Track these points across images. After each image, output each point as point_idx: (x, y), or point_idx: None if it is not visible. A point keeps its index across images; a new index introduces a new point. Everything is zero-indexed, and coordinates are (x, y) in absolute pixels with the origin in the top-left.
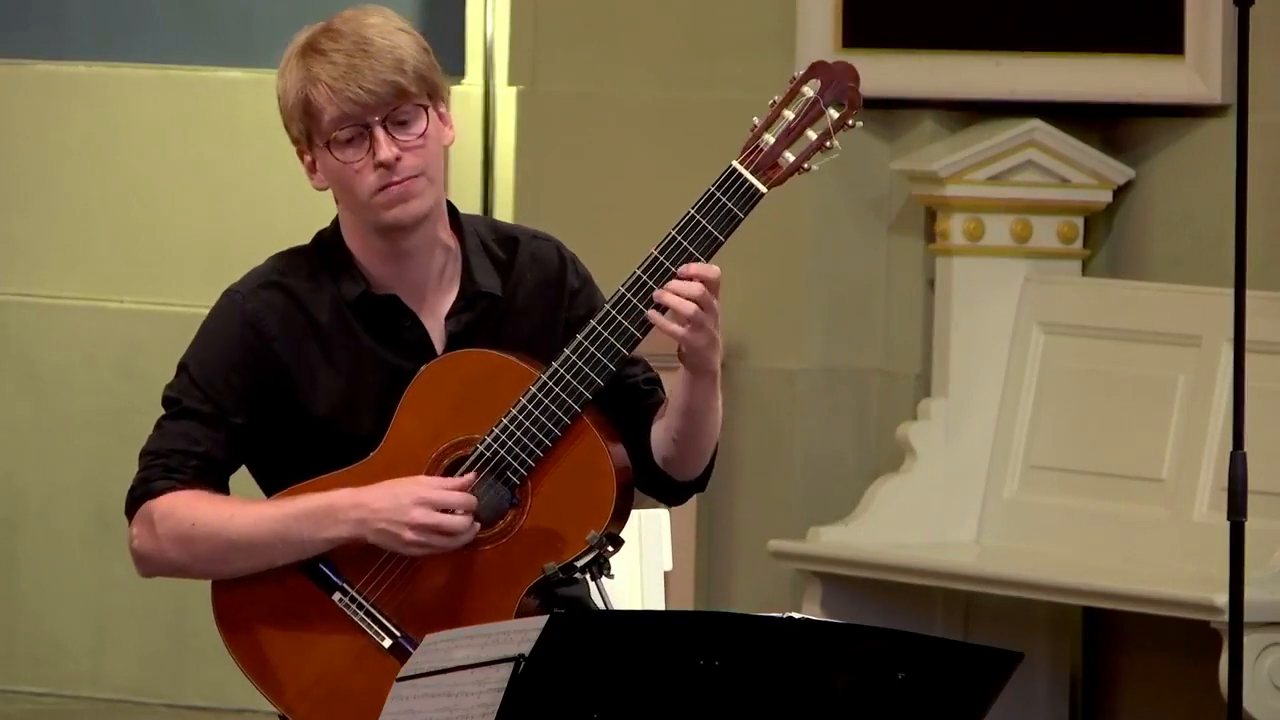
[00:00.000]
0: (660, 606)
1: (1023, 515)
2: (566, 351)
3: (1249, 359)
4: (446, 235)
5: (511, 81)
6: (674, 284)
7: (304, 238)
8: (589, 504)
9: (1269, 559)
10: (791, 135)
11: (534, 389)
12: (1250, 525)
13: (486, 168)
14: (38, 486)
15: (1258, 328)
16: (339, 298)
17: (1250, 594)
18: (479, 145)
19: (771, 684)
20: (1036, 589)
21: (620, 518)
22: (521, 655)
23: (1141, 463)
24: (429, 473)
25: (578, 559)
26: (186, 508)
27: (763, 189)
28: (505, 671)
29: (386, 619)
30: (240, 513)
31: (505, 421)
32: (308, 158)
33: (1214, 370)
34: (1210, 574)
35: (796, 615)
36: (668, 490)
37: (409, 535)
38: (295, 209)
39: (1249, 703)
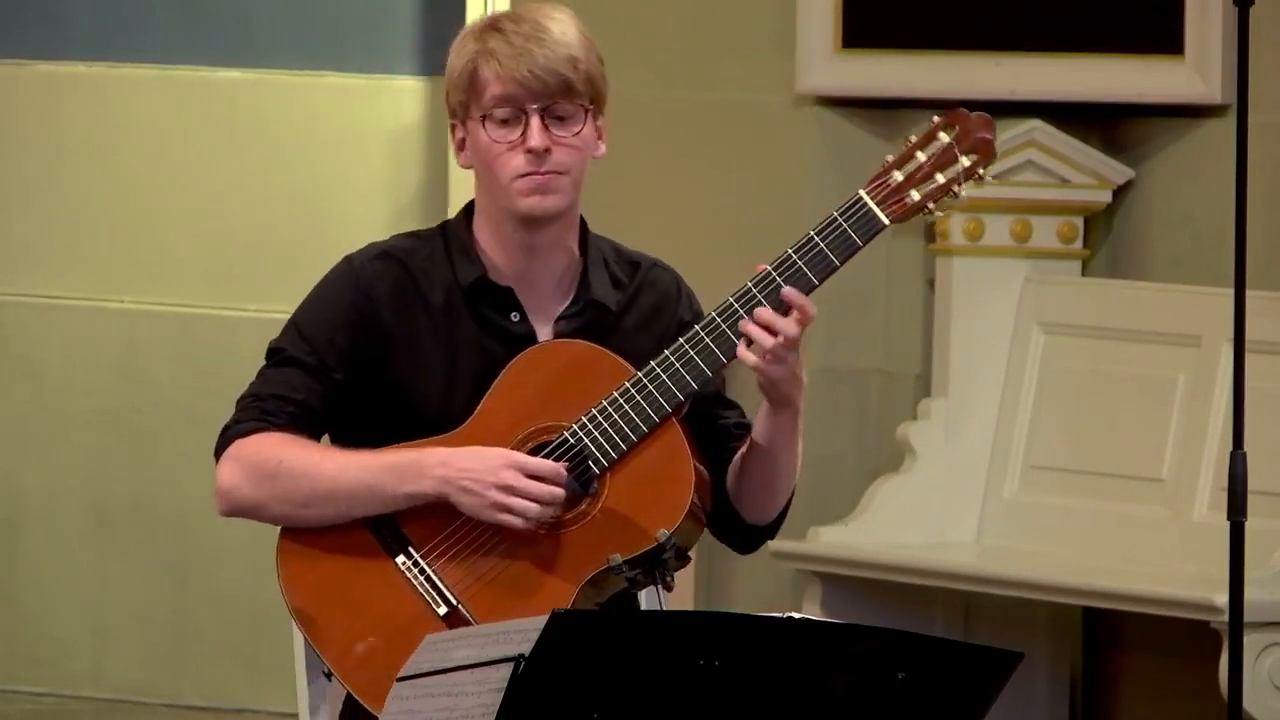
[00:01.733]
0: (660, 606)
1: (1023, 515)
2: (666, 352)
3: (1249, 359)
4: (574, 244)
5: None
6: (761, 312)
7: (304, 237)
8: (664, 503)
9: (1269, 559)
10: (921, 176)
11: (628, 384)
12: (1250, 525)
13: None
14: (38, 486)
15: (1258, 328)
16: (454, 281)
17: (1250, 594)
18: None
19: (771, 684)
20: (1036, 589)
21: (693, 526)
22: (521, 655)
23: (1141, 463)
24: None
25: (644, 555)
26: (276, 447)
27: (885, 221)
28: (505, 671)
29: (446, 588)
30: (327, 458)
31: (595, 411)
32: (459, 134)
33: (1214, 370)
34: (1210, 574)
35: (796, 615)
36: (737, 533)
37: (494, 495)
38: (295, 209)
39: (1249, 703)
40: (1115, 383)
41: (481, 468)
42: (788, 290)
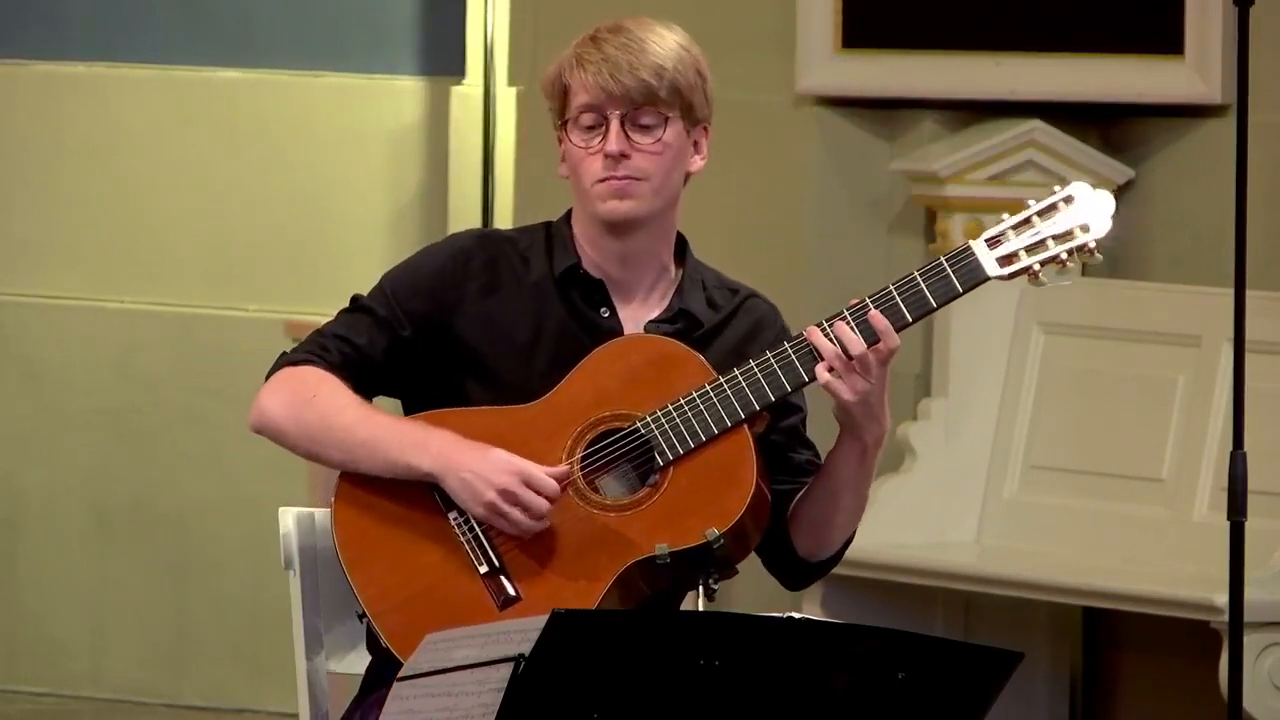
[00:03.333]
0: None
1: (1023, 515)
2: (751, 362)
3: (1249, 359)
4: (669, 260)
5: (511, 81)
6: (839, 326)
7: (304, 237)
8: (720, 504)
9: (1269, 559)
10: (1035, 242)
11: (708, 386)
12: (1250, 525)
13: (486, 168)
14: (38, 486)
15: (1258, 328)
16: (549, 269)
17: (1250, 594)
18: (479, 145)
19: (771, 684)
20: (1036, 589)
21: (744, 538)
22: (521, 655)
23: (1141, 463)
24: (581, 434)
25: (690, 551)
26: (317, 381)
27: (989, 273)
28: (505, 671)
29: (492, 549)
30: (354, 405)
31: (670, 406)
32: (562, 145)
33: (1214, 370)
34: (1210, 574)
35: (796, 615)
36: (790, 568)
37: (491, 495)
38: (295, 209)
39: (1249, 703)
40: (1115, 383)
41: (483, 467)
42: (874, 314)
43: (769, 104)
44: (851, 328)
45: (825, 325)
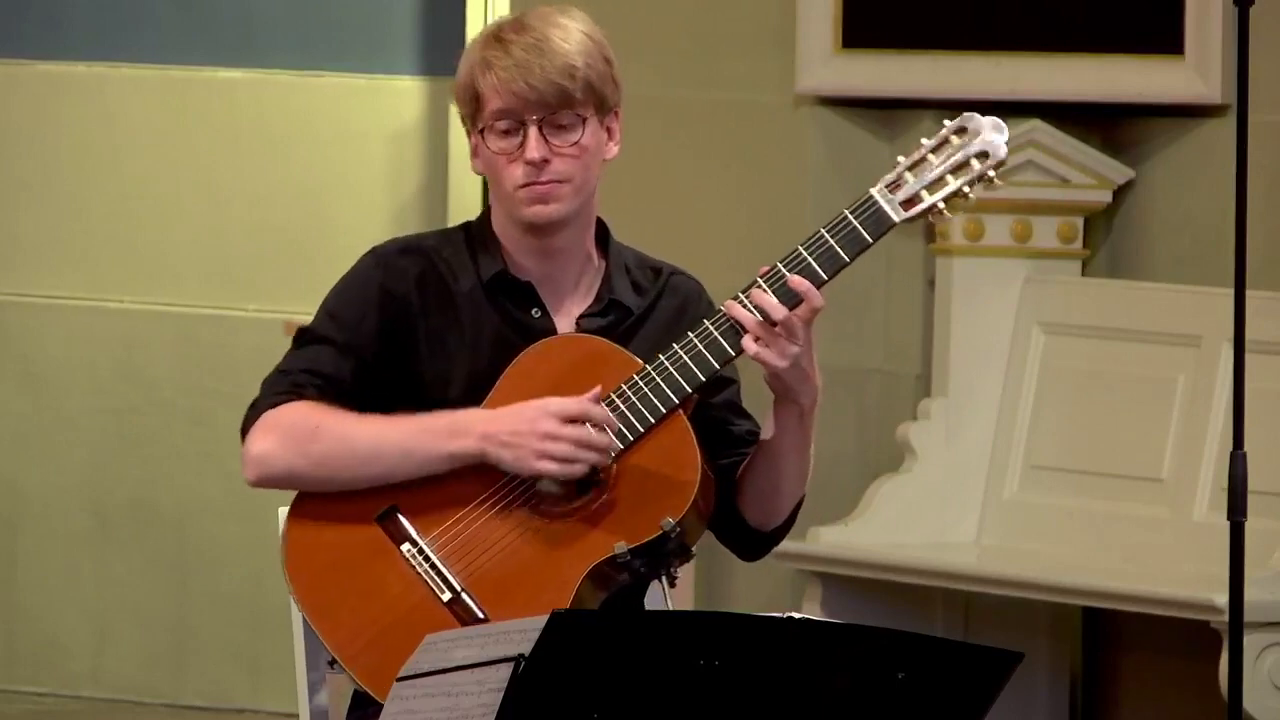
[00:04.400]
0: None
1: (1023, 515)
2: (675, 345)
3: (1249, 359)
4: (591, 249)
5: None
6: (754, 293)
7: (304, 238)
8: (669, 493)
9: (1269, 559)
10: (933, 178)
11: (636, 376)
12: (1250, 525)
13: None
14: (38, 486)
15: (1258, 328)
16: (476, 276)
17: (1250, 594)
18: None
19: (771, 684)
20: (1036, 589)
21: (698, 519)
22: (521, 655)
23: (1141, 463)
24: None
25: (649, 544)
26: (310, 413)
27: (895, 218)
28: (505, 671)
29: (451, 575)
30: (365, 422)
31: (603, 403)
32: (473, 140)
33: (1214, 370)
34: (1210, 574)
35: (796, 615)
36: (743, 539)
37: (536, 444)
38: (295, 209)
39: (1249, 703)
40: (1115, 383)
41: (520, 420)
42: (794, 278)
43: (769, 104)
44: (769, 295)
45: (743, 297)
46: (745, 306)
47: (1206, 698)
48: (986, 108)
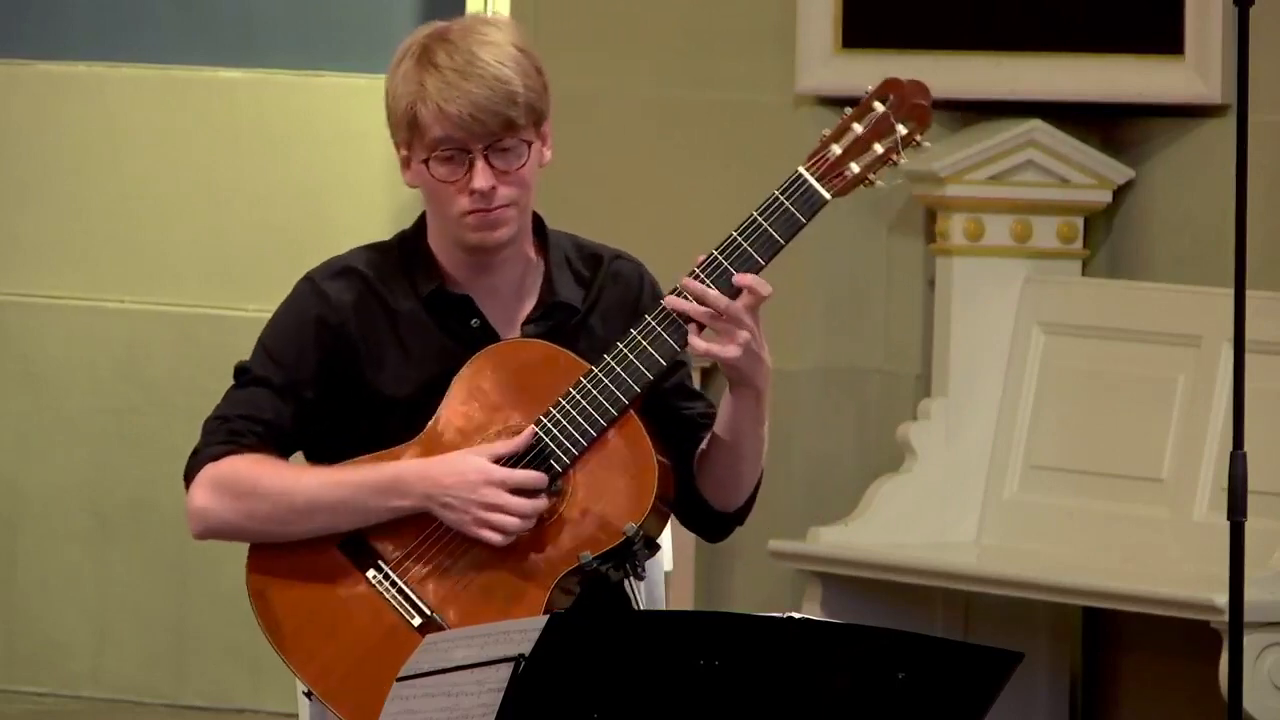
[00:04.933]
0: (660, 606)
1: (1023, 515)
2: (619, 345)
3: (1249, 359)
4: (529, 249)
5: None
6: (686, 282)
7: (304, 238)
8: (629, 496)
9: (1269, 559)
10: (859, 148)
11: (584, 379)
12: (1250, 525)
13: None
14: (38, 486)
15: (1258, 328)
16: (414, 292)
17: (1250, 594)
18: None
19: (771, 684)
20: (1036, 589)
21: (659, 516)
22: (521, 655)
23: (1141, 463)
24: None
25: (614, 551)
26: (249, 469)
27: (826, 195)
28: (505, 671)
29: (419, 598)
30: (304, 476)
31: (553, 410)
32: (402, 153)
33: (1214, 370)
34: (1210, 574)
35: (796, 615)
36: (706, 521)
37: (476, 512)
38: (295, 209)
39: (1249, 703)
40: (1115, 383)
41: (462, 484)
42: (740, 275)
43: (769, 104)
44: (711, 288)
45: (684, 291)
46: (687, 298)
47: (1206, 698)
48: (986, 108)
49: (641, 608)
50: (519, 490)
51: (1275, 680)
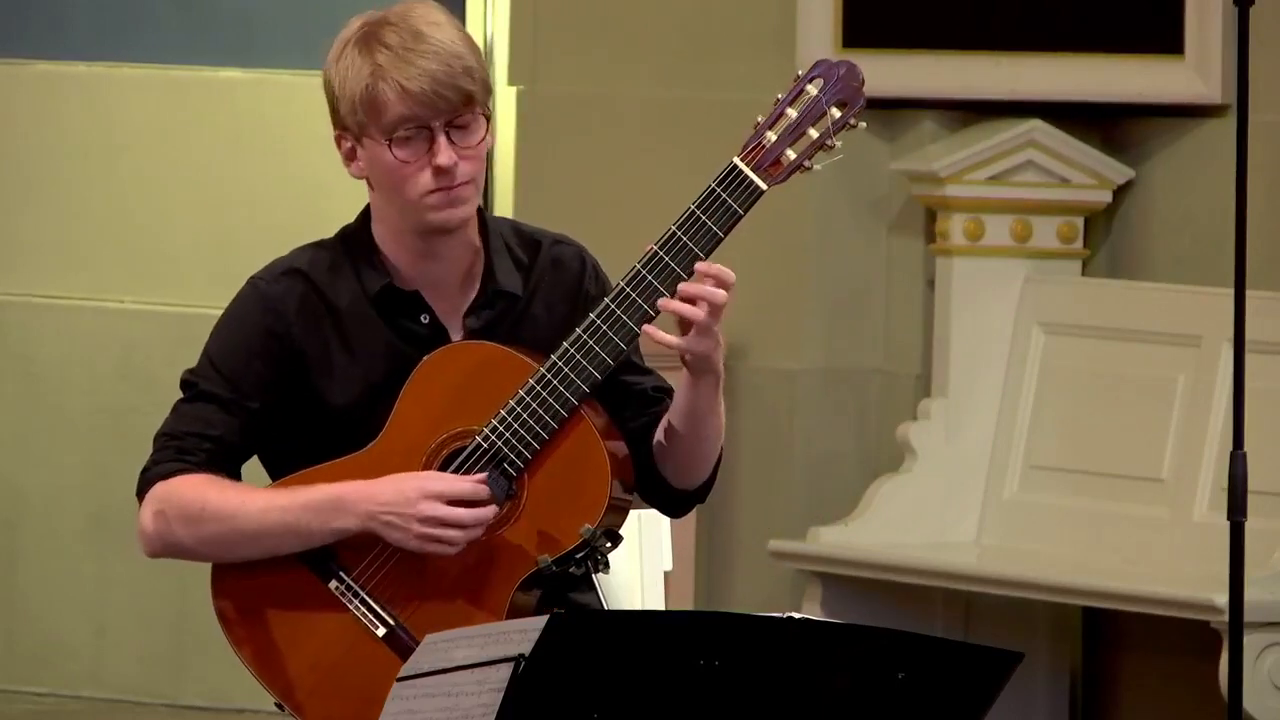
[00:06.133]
0: (660, 606)
1: (1023, 515)
2: (565, 345)
3: (1249, 359)
4: (474, 236)
5: (511, 81)
6: (685, 287)
7: (304, 237)
8: (584, 497)
9: (1269, 559)
10: (794, 133)
11: (532, 381)
12: (1250, 525)
13: (486, 167)
14: (38, 486)
15: (1258, 328)
16: (360, 290)
17: (1250, 594)
18: None
19: (771, 684)
20: (1036, 589)
21: (618, 512)
22: (521, 655)
23: (1141, 463)
24: (427, 463)
25: (572, 553)
26: (196, 491)
27: (763, 186)
28: (505, 671)
29: (382, 607)
30: (249, 500)
31: (503, 413)
32: (347, 144)
33: (1214, 370)
34: (1210, 574)
35: (796, 615)
36: (668, 499)
37: (418, 529)
38: (295, 209)
39: (1249, 703)
40: (1115, 383)
41: (399, 500)
42: (701, 265)
43: (769, 104)
44: (706, 286)
45: (630, 292)
46: (634, 301)
47: (1206, 698)
48: (986, 108)
49: (605, 602)
50: (460, 501)
51: (1275, 680)
